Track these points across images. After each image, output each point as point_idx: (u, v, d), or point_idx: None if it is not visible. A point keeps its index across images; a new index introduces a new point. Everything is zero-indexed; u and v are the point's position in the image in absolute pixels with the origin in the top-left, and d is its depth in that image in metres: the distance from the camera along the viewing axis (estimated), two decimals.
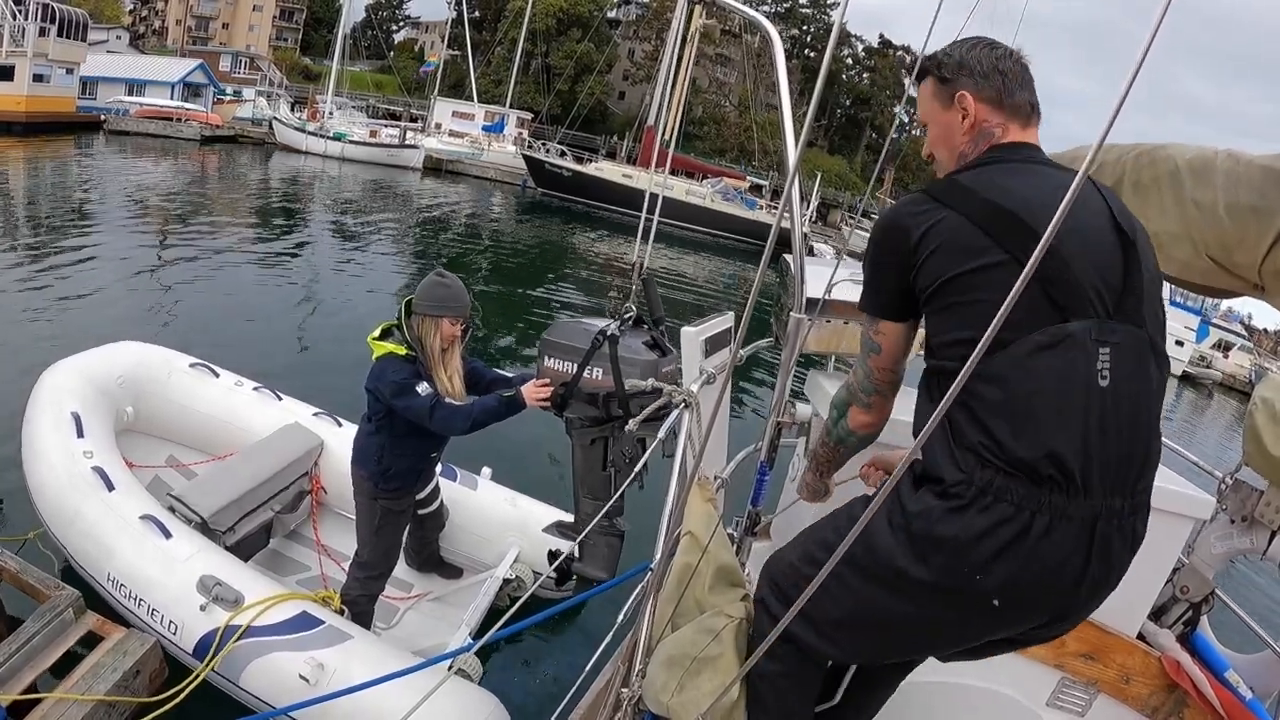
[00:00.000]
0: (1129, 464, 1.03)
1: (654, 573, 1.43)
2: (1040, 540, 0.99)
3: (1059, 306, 1.00)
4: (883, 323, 1.20)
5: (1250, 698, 1.69)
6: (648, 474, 2.02)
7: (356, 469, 2.79)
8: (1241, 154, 1.65)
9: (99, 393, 3.57)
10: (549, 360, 2.18)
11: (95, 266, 8.55)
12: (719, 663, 1.28)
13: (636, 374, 2.00)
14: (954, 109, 1.18)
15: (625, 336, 2.09)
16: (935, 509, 1.03)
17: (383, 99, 43.55)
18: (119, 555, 2.81)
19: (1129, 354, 1.03)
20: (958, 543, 1.01)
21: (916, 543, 1.04)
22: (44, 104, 22.43)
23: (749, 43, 36.86)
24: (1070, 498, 0.99)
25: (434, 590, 3.54)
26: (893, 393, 1.27)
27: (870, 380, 1.25)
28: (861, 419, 1.30)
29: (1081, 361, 1.00)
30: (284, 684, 2.52)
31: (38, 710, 2.29)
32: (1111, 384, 1.01)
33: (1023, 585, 1.01)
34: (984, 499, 1.00)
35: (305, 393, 4.32)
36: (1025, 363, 1.00)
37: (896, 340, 1.21)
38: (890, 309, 1.18)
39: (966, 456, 1.02)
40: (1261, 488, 1.83)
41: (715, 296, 14.54)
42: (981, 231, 1.04)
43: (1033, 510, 0.99)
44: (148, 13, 56.69)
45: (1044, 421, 0.99)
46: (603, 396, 2.08)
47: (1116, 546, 1.04)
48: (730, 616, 1.34)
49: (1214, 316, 27.87)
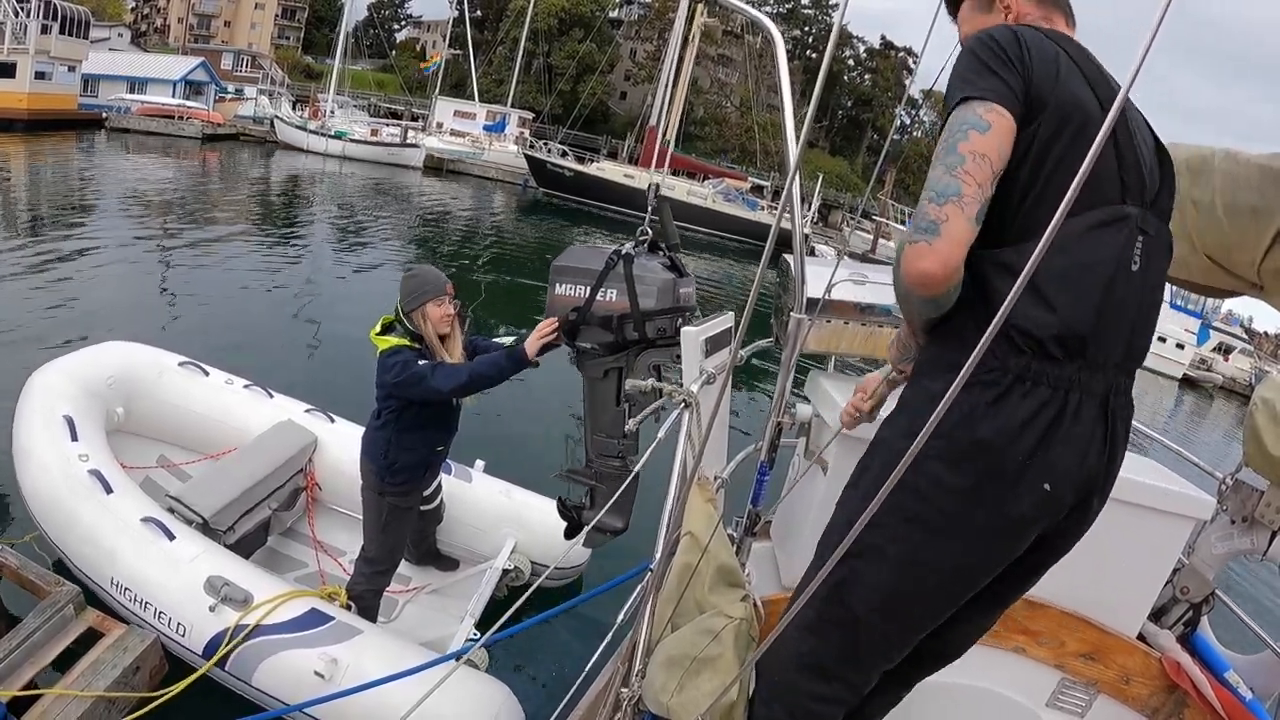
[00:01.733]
0: (1136, 345, 1.08)
1: (654, 573, 1.43)
2: (1074, 421, 1.02)
3: (1125, 186, 1.04)
4: (999, 108, 0.99)
5: (1250, 698, 1.69)
6: (665, 412, 1.96)
7: (365, 463, 2.80)
8: (1239, 153, 1.66)
9: (89, 394, 3.55)
10: (560, 287, 2.05)
11: (93, 264, 8.55)
12: (719, 663, 1.28)
13: (654, 293, 1.92)
14: (996, 10, 1.19)
15: (640, 257, 2.00)
16: (976, 407, 1.01)
17: (384, 98, 43.59)
18: (121, 558, 2.80)
19: (1157, 245, 1.08)
20: (1003, 439, 1.00)
21: (957, 451, 1.02)
22: (46, 101, 22.44)
23: (750, 43, 36.88)
24: (1093, 372, 1.02)
25: (432, 583, 3.57)
26: (974, 216, 0.97)
27: (951, 176, 0.97)
28: (921, 263, 0.98)
29: (1128, 244, 1.03)
30: (299, 680, 2.52)
31: (37, 706, 2.29)
32: (1141, 270, 1.05)
33: (1066, 471, 1.03)
34: (1023, 385, 1.01)
35: (298, 390, 4.33)
36: (1089, 235, 1.01)
37: (1006, 133, 0.99)
38: (1008, 99, 0.99)
39: (1001, 343, 1.01)
40: (1262, 488, 1.83)
41: (716, 296, 14.54)
42: (1081, 73, 1.04)
43: (1066, 389, 1.01)
44: (150, 10, 56.71)
45: (1096, 290, 1.01)
46: (617, 319, 1.95)
47: (1122, 420, 1.09)
48: (730, 617, 1.35)
49: (1215, 319, 27.85)
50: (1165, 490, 1.73)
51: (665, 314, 1.88)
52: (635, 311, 1.92)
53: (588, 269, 1.99)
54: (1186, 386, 22.76)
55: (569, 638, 3.48)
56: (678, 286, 1.96)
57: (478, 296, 11.09)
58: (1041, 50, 1.02)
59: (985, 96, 0.99)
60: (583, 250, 2.10)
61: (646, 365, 1.97)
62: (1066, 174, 0.98)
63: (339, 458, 3.74)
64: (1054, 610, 1.79)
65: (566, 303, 2.04)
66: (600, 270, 1.95)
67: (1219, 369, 25.43)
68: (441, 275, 2.71)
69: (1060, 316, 0.99)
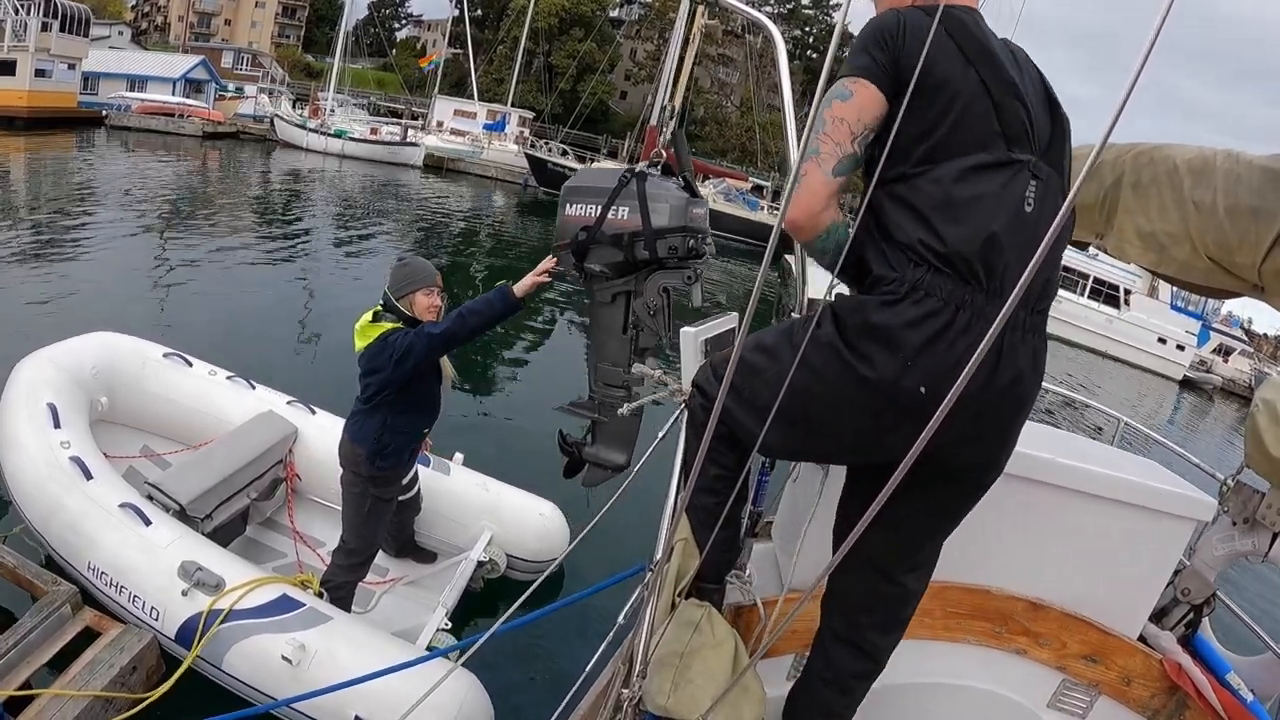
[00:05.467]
0: (1035, 282, 1.14)
1: (654, 573, 1.42)
2: (961, 335, 1.09)
3: (1006, 136, 1.14)
4: (864, 80, 1.16)
5: (1251, 700, 1.69)
6: (670, 333, 1.91)
7: (354, 448, 2.78)
8: (1241, 154, 1.65)
9: (73, 383, 3.58)
10: (570, 208, 1.97)
11: (89, 260, 8.55)
12: (703, 652, 1.31)
13: (666, 210, 1.86)
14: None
15: (654, 177, 1.94)
16: (869, 304, 1.14)
17: (384, 97, 43.58)
18: (100, 544, 2.82)
19: (1051, 191, 1.17)
20: (889, 330, 1.11)
21: (849, 332, 1.15)
22: (46, 99, 22.41)
23: (751, 43, 36.87)
24: (989, 299, 1.10)
25: (409, 574, 3.60)
26: (832, 170, 1.15)
27: (815, 137, 1.16)
28: (788, 213, 1.16)
29: (1016, 185, 1.14)
30: (266, 666, 2.54)
31: (33, 706, 2.28)
32: (1035, 211, 1.14)
33: (946, 375, 1.08)
34: (915, 294, 1.11)
35: (284, 383, 4.34)
36: (969, 174, 1.12)
37: (871, 100, 1.15)
38: (874, 74, 1.16)
39: (899, 255, 1.13)
40: (1263, 490, 1.83)
41: (717, 297, 14.53)
42: (958, 48, 1.15)
43: (957, 305, 1.09)
44: (150, 8, 56.68)
45: (979, 221, 1.11)
46: (629, 237, 1.89)
47: (1021, 355, 1.15)
48: (703, 605, 1.40)
49: (1214, 321, 27.88)
50: (1166, 492, 1.73)
51: (677, 233, 1.83)
52: (647, 229, 1.86)
53: (600, 187, 1.92)
54: (1186, 388, 22.75)
55: (568, 643, 3.48)
56: (691, 207, 1.90)
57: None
58: (917, 28, 1.15)
59: (852, 72, 1.17)
60: (595, 171, 2.06)
61: (657, 288, 1.91)
62: (945, 129, 1.13)
63: (320, 449, 3.75)
64: (1055, 611, 1.78)
65: (576, 222, 1.95)
66: (612, 189, 1.89)
67: (1219, 370, 25.42)
68: (431, 267, 2.76)
69: (944, 238, 1.11)
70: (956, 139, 1.13)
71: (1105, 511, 1.73)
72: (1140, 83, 0.58)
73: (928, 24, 1.11)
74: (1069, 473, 1.71)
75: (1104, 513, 1.73)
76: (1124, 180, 1.80)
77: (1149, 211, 1.73)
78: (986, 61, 1.15)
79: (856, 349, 1.13)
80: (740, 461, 1.37)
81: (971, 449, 1.21)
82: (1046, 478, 1.71)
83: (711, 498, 1.38)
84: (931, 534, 1.35)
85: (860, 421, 1.18)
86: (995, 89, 1.15)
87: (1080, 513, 1.74)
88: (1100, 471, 1.72)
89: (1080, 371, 18.90)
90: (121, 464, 3.66)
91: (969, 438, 1.17)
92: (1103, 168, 1.82)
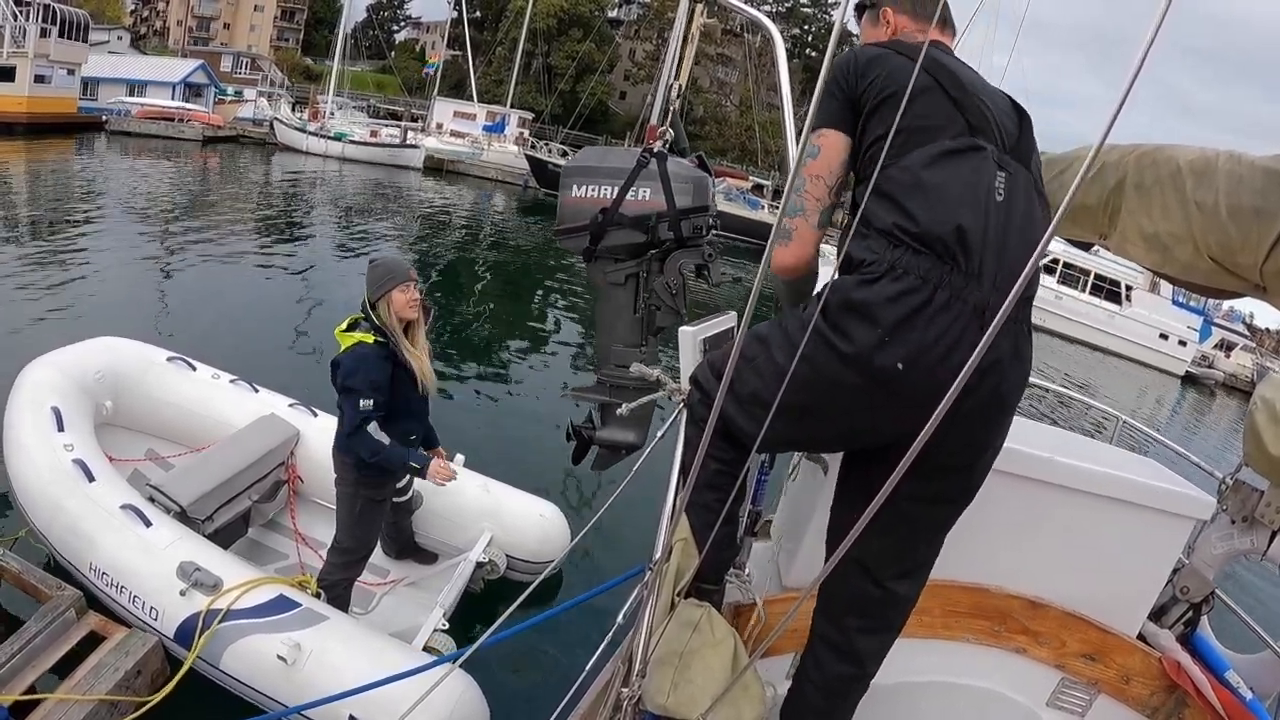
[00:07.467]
0: (1015, 270, 1.14)
1: (653, 573, 1.43)
2: (939, 313, 1.11)
3: (970, 126, 1.21)
4: (825, 130, 1.28)
5: (1250, 698, 1.69)
6: (684, 313, 1.90)
7: (341, 455, 2.82)
8: (1243, 155, 1.65)
9: (78, 387, 3.61)
10: (577, 189, 1.90)
11: (91, 265, 8.56)
12: (703, 651, 1.31)
13: (690, 190, 1.86)
14: (880, 24, 1.45)
15: (673, 158, 1.92)
16: (848, 282, 1.18)
17: (384, 99, 43.58)
18: (101, 545, 2.85)
19: (1020, 185, 1.21)
20: (867, 305, 1.13)
21: (831, 311, 1.17)
22: (45, 105, 22.43)
23: (750, 42, 36.86)
24: (967, 280, 1.12)
25: (409, 575, 3.61)
26: (817, 223, 1.31)
27: (798, 196, 1.30)
28: (781, 258, 1.34)
29: (985, 172, 1.18)
30: (261, 665, 2.56)
31: (39, 710, 2.30)
32: (1006, 201, 1.18)
33: (923, 352, 1.11)
34: (894, 272, 1.14)
35: (285, 386, 4.36)
36: (937, 160, 1.18)
37: (835, 148, 1.28)
38: (834, 117, 1.28)
39: (878, 241, 1.17)
40: (1262, 488, 1.83)
41: (717, 296, 14.52)
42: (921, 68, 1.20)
43: (935, 284, 1.12)
44: (149, 13, 56.76)
45: (953, 202, 1.15)
46: (655, 219, 1.86)
47: (1002, 343, 1.16)
48: (702, 605, 1.40)
49: (1216, 316, 27.82)
50: (1165, 490, 1.73)
51: (700, 212, 1.84)
52: (671, 209, 1.85)
53: (614, 168, 1.88)
54: (1188, 384, 22.73)
55: (568, 643, 3.48)
56: (707, 184, 1.91)
57: (477, 295, 11.10)
58: (870, 53, 1.28)
59: (817, 125, 1.28)
60: (599, 150, 2.01)
61: (678, 266, 1.90)
62: (910, 120, 1.19)
63: (321, 451, 3.74)
64: (1054, 610, 1.79)
65: (585, 204, 1.89)
66: (631, 169, 1.86)
67: (1220, 365, 25.39)
68: (405, 262, 2.80)
69: (916, 219, 1.15)
70: (923, 127, 1.20)
71: (1104, 510, 1.73)
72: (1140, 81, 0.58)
73: (879, 51, 1.26)
74: (1068, 471, 1.71)
75: (1103, 511, 1.73)
76: (1127, 181, 1.80)
77: (1152, 212, 1.74)
78: (943, 71, 1.25)
79: (837, 326, 1.16)
80: (740, 456, 1.37)
81: (951, 437, 1.16)
82: (1045, 476, 1.71)
83: (712, 493, 1.38)
84: (920, 537, 1.33)
85: (845, 400, 1.19)
86: (953, 89, 1.24)
87: (1079, 511, 1.74)
88: (1099, 470, 1.73)
89: (1082, 368, 18.88)
90: (126, 467, 3.69)
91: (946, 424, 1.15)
92: (1105, 169, 1.82)
